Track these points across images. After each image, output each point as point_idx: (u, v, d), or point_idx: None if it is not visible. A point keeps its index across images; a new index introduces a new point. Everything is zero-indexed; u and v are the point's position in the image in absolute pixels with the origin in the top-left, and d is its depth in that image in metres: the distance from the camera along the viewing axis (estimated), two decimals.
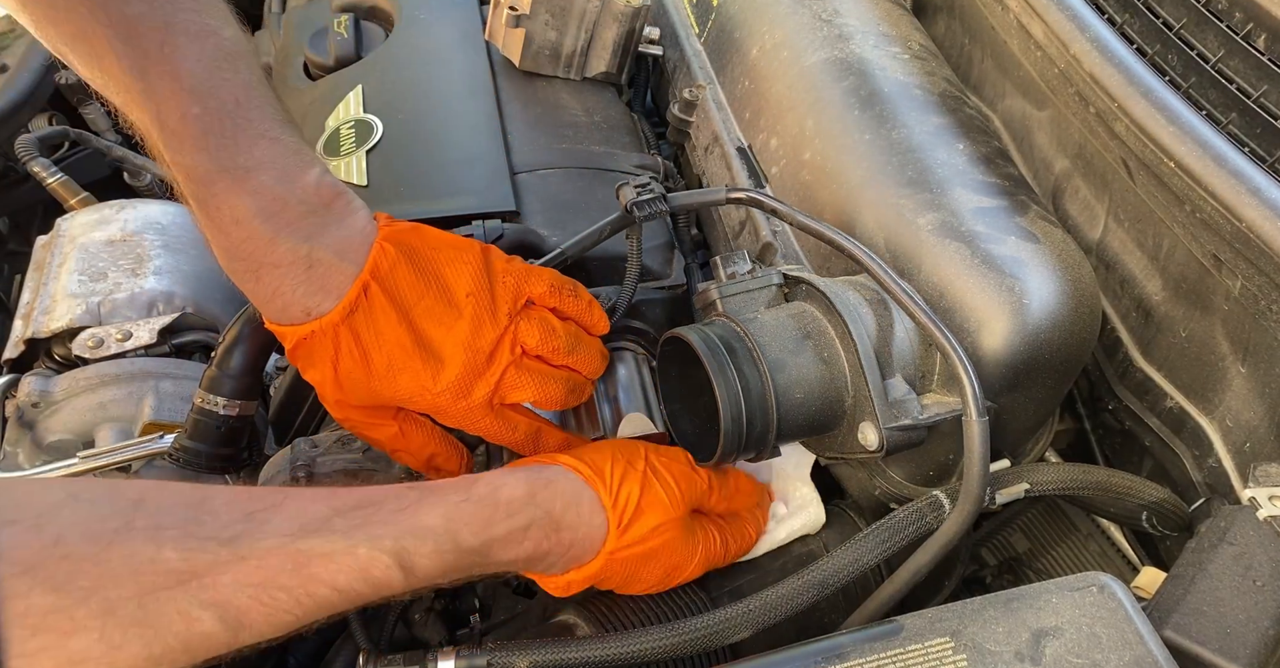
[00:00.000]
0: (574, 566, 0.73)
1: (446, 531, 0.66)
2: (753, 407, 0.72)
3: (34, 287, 1.19)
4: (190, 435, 0.86)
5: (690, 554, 0.77)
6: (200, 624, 0.54)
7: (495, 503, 0.69)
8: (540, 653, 0.68)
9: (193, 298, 1.17)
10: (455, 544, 0.66)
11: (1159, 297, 0.82)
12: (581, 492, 0.73)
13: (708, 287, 0.80)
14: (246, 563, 0.57)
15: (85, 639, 0.50)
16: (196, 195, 0.71)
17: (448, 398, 0.78)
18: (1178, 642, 0.62)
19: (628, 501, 0.74)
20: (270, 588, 0.57)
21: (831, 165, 0.88)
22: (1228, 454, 0.77)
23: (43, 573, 0.50)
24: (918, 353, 0.74)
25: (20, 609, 0.48)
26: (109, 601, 0.51)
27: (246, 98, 0.71)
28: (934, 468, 0.79)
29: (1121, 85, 0.75)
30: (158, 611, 0.53)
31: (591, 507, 0.73)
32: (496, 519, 0.68)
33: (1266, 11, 0.68)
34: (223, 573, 0.56)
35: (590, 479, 0.74)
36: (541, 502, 0.71)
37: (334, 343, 0.75)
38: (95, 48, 0.68)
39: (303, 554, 0.59)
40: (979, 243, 0.75)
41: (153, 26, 0.68)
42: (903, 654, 0.61)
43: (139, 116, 0.71)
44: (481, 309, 0.78)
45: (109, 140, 1.59)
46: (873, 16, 0.99)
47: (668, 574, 0.77)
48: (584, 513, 0.73)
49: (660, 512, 0.75)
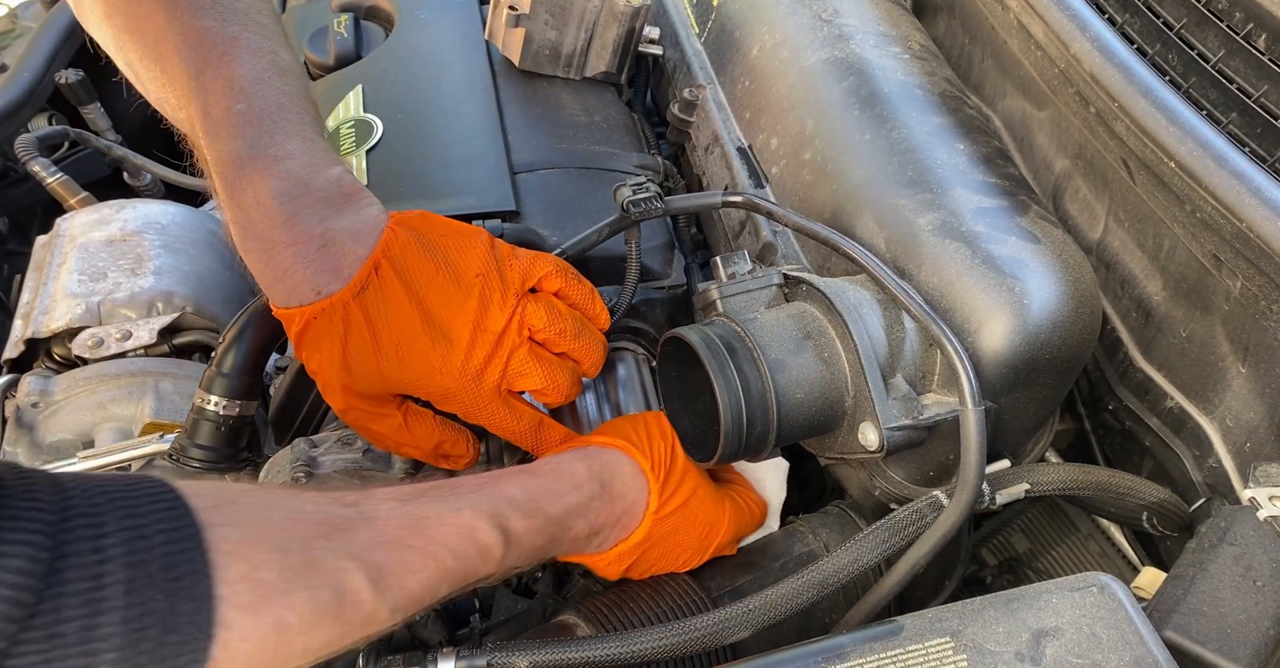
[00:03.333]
0: (623, 535, 0.76)
1: (529, 499, 0.69)
2: (753, 407, 0.72)
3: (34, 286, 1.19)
4: (190, 435, 0.86)
5: (720, 511, 0.80)
6: (350, 576, 0.55)
7: (561, 476, 0.73)
8: (540, 653, 0.68)
9: (193, 298, 1.17)
10: (540, 511, 0.69)
11: (1159, 297, 0.82)
12: (623, 461, 0.77)
13: (708, 287, 0.80)
14: (374, 523, 0.59)
15: (268, 573, 0.52)
16: (224, 176, 0.75)
17: (455, 379, 0.78)
18: (1178, 642, 0.62)
19: (659, 461, 0.78)
20: (399, 547, 0.59)
21: (831, 165, 0.88)
22: (1228, 454, 0.77)
23: (226, 512, 0.51)
24: (918, 353, 0.74)
25: (217, 539, 0.50)
26: (281, 541, 0.53)
27: (289, 103, 0.76)
28: (934, 468, 0.79)
29: (1122, 85, 0.75)
30: (318, 557, 0.54)
31: (633, 472, 0.77)
32: (566, 491, 0.72)
33: (1266, 11, 0.68)
34: (357, 530, 0.57)
35: (627, 449, 0.78)
36: (597, 474, 0.74)
37: (344, 321, 0.75)
38: (163, 51, 0.76)
39: (415, 516, 0.61)
40: (979, 243, 0.75)
41: (218, 39, 0.76)
42: (903, 654, 0.61)
43: (187, 112, 0.76)
44: (490, 289, 0.79)
45: (109, 140, 1.59)
46: (873, 16, 0.99)
47: (705, 535, 0.79)
48: (628, 479, 0.76)
49: (686, 464, 0.79)
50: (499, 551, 0.65)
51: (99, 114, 1.63)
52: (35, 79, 1.50)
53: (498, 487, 0.68)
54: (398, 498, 0.62)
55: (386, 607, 0.58)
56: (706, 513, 0.79)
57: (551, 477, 0.73)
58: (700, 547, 0.80)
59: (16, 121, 1.48)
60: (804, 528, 0.90)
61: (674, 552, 0.79)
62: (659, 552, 0.78)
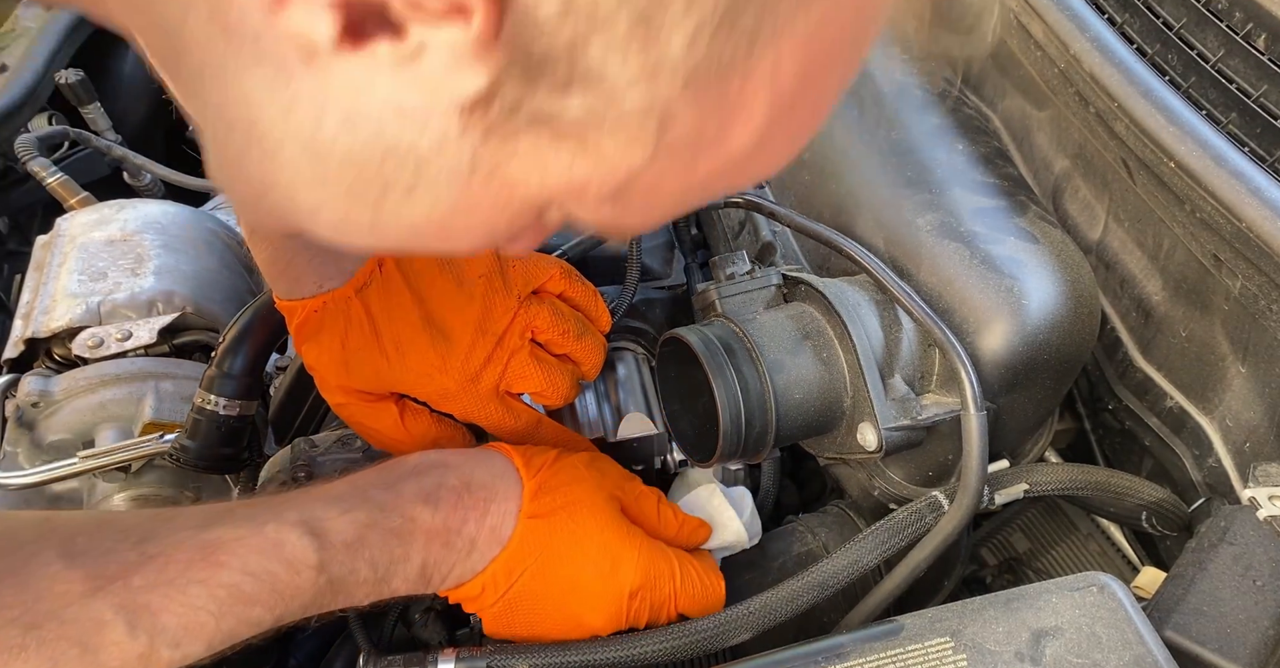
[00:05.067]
0: (497, 549, 0.68)
1: (354, 490, 0.65)
2: (751, 407, 0.72)
3: (34, 286, 1.19)
4: (190, 435, 0.86)
5: (627, 542, 0.70)
6: (112, 631, 0.52)
7: (403, 463, 0.69)
8: (540, 655, 0.68)
9: (193, 298, 1.17)
10: (365, 500, 0.64)
11: (1159, 297, 0.82)
12: (492, 455, 0.72)
13: (707, 287, 0.80)
14: (155, 561, 0.55)
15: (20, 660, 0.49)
16: None
17: (455, 380, 0.77)
18: (1178, 642, 0.62)
19: (543, 464, 0.72)
20: (180, 584, 0.55)
21: (830, 165, 0.88)
22: (1228, 454, 0.77)
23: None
24: (917, 353, 0.74)
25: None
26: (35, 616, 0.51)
27: None
28: (933, 469, 0.79)
29: (1121, 85, 0.75)
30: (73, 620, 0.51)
31: (504, 467, 0.71)
32: (405, 477, 0.67)
33: (1267, 11, 0.68)
34: (133, 574, 0.54)
35: (501, 448, 0.73)
36: (449, 464, 0.69)
37: (345, 317, 0.75)
38: None
39: (210, 543, 0.57)
40: (978, 243, 0.75)
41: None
42: (903, 654, 0.61)
43: None
44: (493, 291, 0.78)
45: (109, 140, 1.59)
46: None
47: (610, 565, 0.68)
48: (495, 471, 0.70)
49: (577, 476, 0.72)
50: (313, 556, 0.59)
51: (99, 114, 1.63)
52: (35, 79, 1.50)
53: (325, 489, 0.65)
54: (198, 524, 0.58)
55: (164, 649, 0.54)
56: (605, 538, 0.69)
57: (392, 466, 0.68)
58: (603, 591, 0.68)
59: (16, 121, 1.48)
60: (803, 528, 0.90)
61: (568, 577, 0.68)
62: (543, 576, 0.68)
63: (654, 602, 0.70)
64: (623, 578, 0.69)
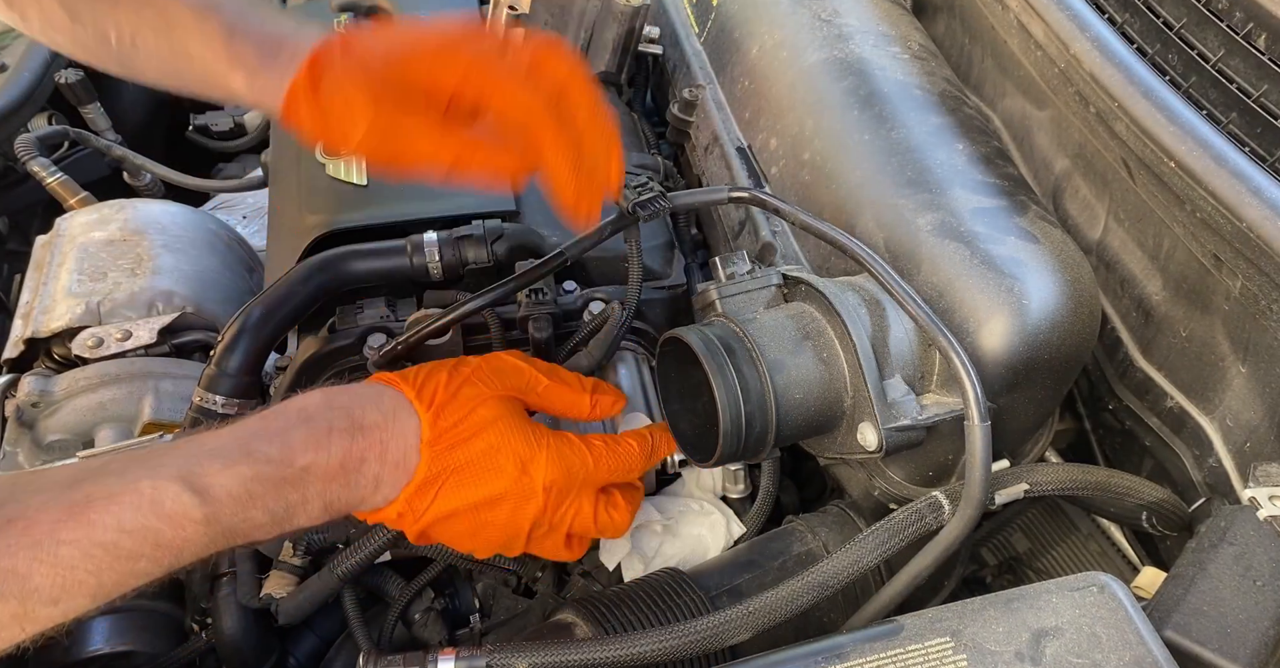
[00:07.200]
0: (404, 481, 0.69)
1: (236, 443, 0.63)
2: (752, 407, 0.72)
3: (34, 286, 1.19)
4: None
5: (533, 442, 0.72)
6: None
7: (285, 412, 0.67)
8: (540, 655, 0.68)
9: (193, 298, 1.17)
10: (248, 454, 0.62)
11: (1159, 297, 0.82)
12: (381, 390, 0.72)
13: (707, 287, 0.80)
14: (14, 524, 0.53)
15: None
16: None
17: None
18: (1178, 642, 0.62)
19: (436, 389, 0.71)
20: (48, 545, 0.53)
21: (831, 165, 0.88)
22: (1228, 454, 0.77)
23: None
24: (917, 353, 0.74)
25: None
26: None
27: None
28: (933, 468, 0.79)
29: (1121, 85, 0.75)
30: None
31: (395, 402, 0.71)
32: (289, 426, 0.66)
33: (1267, 11, 0.68)
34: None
35: (389, 380, 0.72)
36: (336, 404, 0.68)
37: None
38: None
39: (78, 503, 0.55)
40: (978, 243, 0.75)
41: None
42: (903, 654, 0.61)
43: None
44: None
45: (109, 140, 1.59)
46: (872, 16, 0.99)
47: (519, 469, 0.71)
48: (387, 409, 0.70)
49: (473, 391, 0.72)
50: (196, 511, 0.58)
51: (99, 114, 1.63)
52: (35, 79, 1.50)
53: (204, 441, 0.63)
54: (65, 482, 0.57)
55: (50, 615, 0.54)
56: (509, 443, 0.71)
57: (274, 414, 0.67)
58: (517, 485, 0.71)
59: (16, 121, 1.48)
60: (803, 528, 0.90)
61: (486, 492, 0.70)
62: (465, 497, 0.70)
63: (571, 486, 0.73)
64: (535, 478, 0.71)
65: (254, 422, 0.66)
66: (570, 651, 0.68)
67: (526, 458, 0.71)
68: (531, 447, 0.72)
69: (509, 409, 0.73)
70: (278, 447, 0.64)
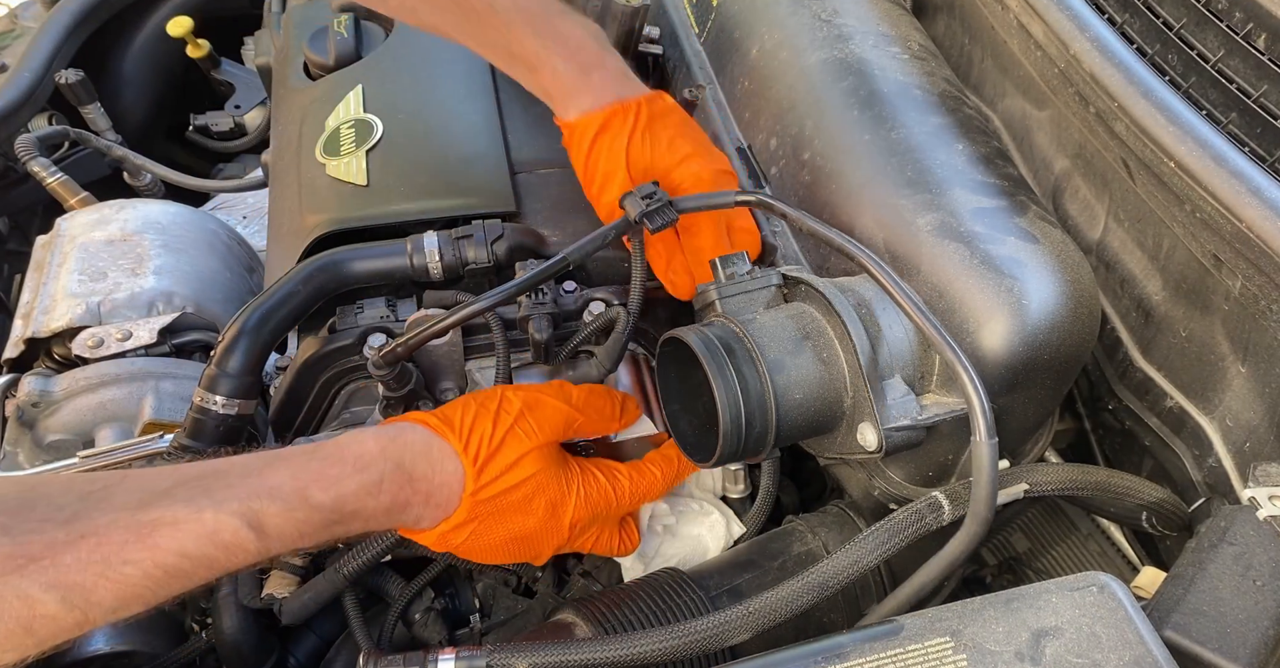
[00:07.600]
0: (441, 515, 0.75)
1: (295, 489, 0.67)
2: (751, 408, 0.72)
3: (34, 286, 1.19)
4: (190, 435, 0.86)
5: (565, 487, 0.79)
6: (42, 607, 0.55)
7: (343, 460, 0.71)
8: (540, 654, 0.68)
9: (193, 298, 1.17)
10: (305, 501, 0.67)
11: (1159, 297, 0.82)
12: (430, 441, 0.76)
13: (707, 287, 0.80)
14: (86, 541, 0.57)
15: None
16: None
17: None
18: (1178, 642, 0.62)
19: (480, 441, 0.76)
20: (115, 563, 0.58)
21: (831, 166, 0.88)
22: (1228, 454, 0.77)
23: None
24: (917, 353, 0.74)
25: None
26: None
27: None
28: (933, 468, 0.79)
29: (1121, 85, 0.75)
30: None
31: (442, 453, 0.75)
32: (345, 475, 0.70)
33: (1267, 11, 0.68)
34: (63, 553, 0.56)
35: (437, 428, 0.76)
36: (390, 455, 0.73)
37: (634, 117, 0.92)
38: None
39: (146, 526, 0.60)
40: (978, 243, 0.75)
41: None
42: (903, 654, 0.61)
43: None
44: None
45: (109, 140, 1.59)
46: (872, 16, 0.99)
47: (549, 512, 0.78)
48: (435, 460, 0.75)
49: (517, 445, 0.77)
50: (252, 546, 0.64)
51: (99, 114, 1.63)
52: (35, 79, 1.50)
53: (264, 478, 0.67)
54: (135, 504, 0.61)
55: (104, 620, 0.58)
56: (545, 489, 0.78)
57: (332, 459, 0.71)
58: (547, 524, 0.78)
59: (16, 121, 1.48)
60: (803, 528, 0.90)
61: (514, 524, 0.77)
62: (498, 532, 0.77)
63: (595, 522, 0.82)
64: (563, 519, 0.79)
65: (315, 465, 0.70)
66: (570, 651, 0.68)
67: (558, 501, 0.79)
68: (563, 492, 0.79)
69: (547, 458, 0.79)
70: (332, 496, 0.68)
